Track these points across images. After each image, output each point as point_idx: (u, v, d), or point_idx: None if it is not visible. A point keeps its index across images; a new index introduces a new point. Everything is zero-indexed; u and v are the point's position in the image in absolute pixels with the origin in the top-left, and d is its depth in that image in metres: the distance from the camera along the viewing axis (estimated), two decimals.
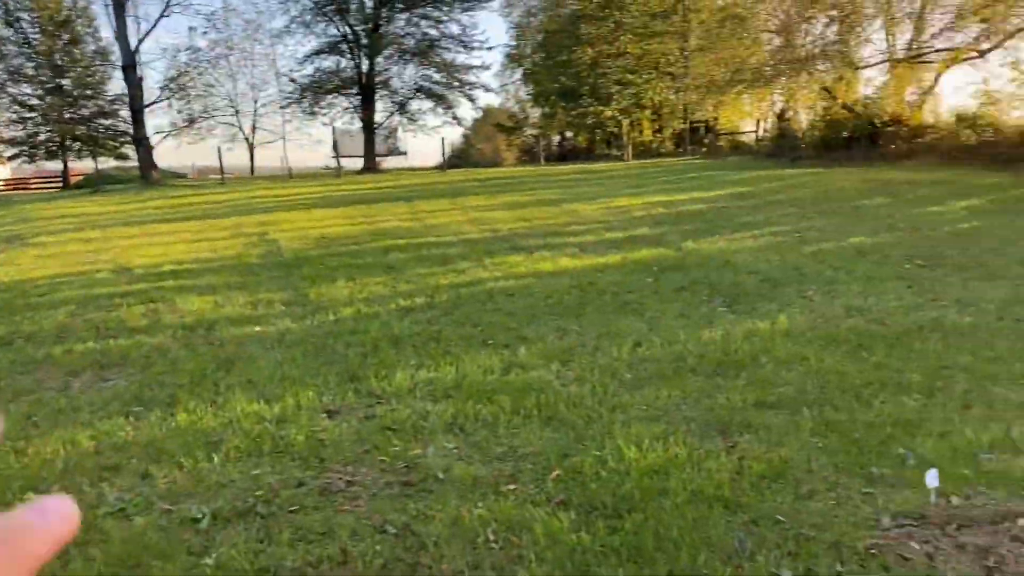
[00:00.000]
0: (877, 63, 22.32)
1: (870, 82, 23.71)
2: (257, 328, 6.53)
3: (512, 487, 3.39)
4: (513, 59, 43.02)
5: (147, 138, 29.52)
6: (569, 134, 44.37)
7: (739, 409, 4.15)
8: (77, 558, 2.97)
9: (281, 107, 35.59)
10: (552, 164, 31.41)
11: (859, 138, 21.14)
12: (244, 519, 3.20)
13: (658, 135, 35.39)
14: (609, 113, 32.18)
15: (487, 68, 35.51)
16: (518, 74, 44.18)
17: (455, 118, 34.02)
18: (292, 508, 3.27)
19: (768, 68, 24.07)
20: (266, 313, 7.05)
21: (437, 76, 32.19)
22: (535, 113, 44.42)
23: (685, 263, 8.33)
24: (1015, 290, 6.56)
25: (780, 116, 27.53)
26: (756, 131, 32.53)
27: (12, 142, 39.32)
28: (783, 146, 24.25)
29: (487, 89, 34.00)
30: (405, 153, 42.92)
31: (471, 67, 32.11)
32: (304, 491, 3.43)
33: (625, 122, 32.34)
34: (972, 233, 9.42)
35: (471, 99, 33.28)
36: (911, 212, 11.30)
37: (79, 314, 7.22)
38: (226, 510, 3.27)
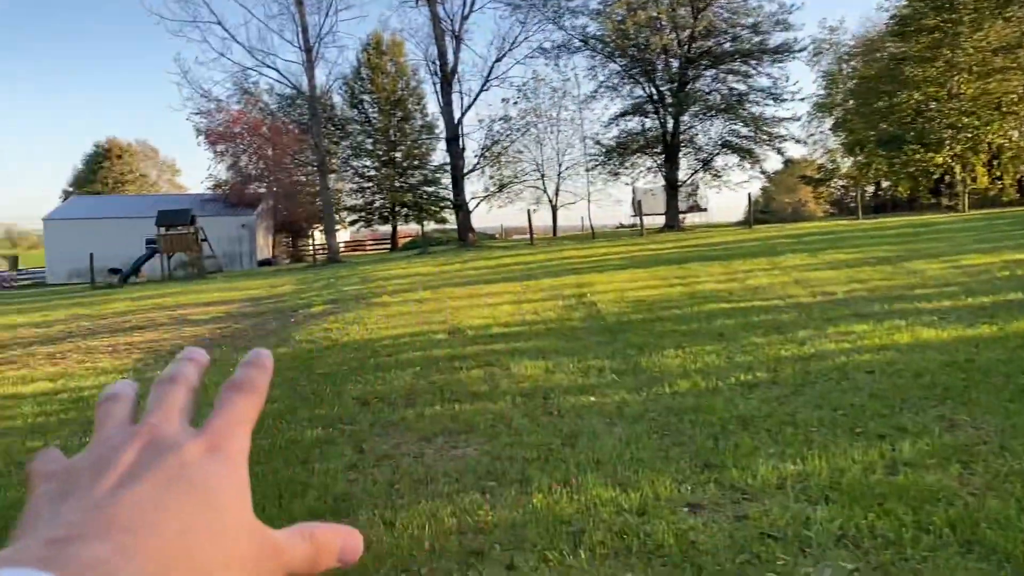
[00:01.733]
0: None
1: None
2: (592, 398, 6.34)
3: None
4: (823, 108, 40.88)
5: (466, 203, 31.75)
6: (886, 184, 41.02)
7: None
8: None
9: (586, 169, 36.63)
10: (871, 217, 28.99)
11: None
12: None
13: (997, 182, 31.45)
14: (940, 160, 29.13)
15: (797, 119, 33.67)
16: (827, 123, 41.90)
17: (763, 172, 32.72)
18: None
19: None
20: (598, 382, 6.85)
21: (744, 130, 31.26)
22: (846, 163, 41.68)
23: None
24: None
25: None
26: None
27: (353, 209, 44.50)
28: None
29: (796, 141, 32.27)
30: (706, 210, 42.28)
31: (781, 119, 30.74)
32: None
33: (958, 169, 29.10)
34: None
35: (780, 152, 31.84)
36: None
37: (423, 376, 7.54)
38: None
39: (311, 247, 40.38)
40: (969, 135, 29.34)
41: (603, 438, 5.27)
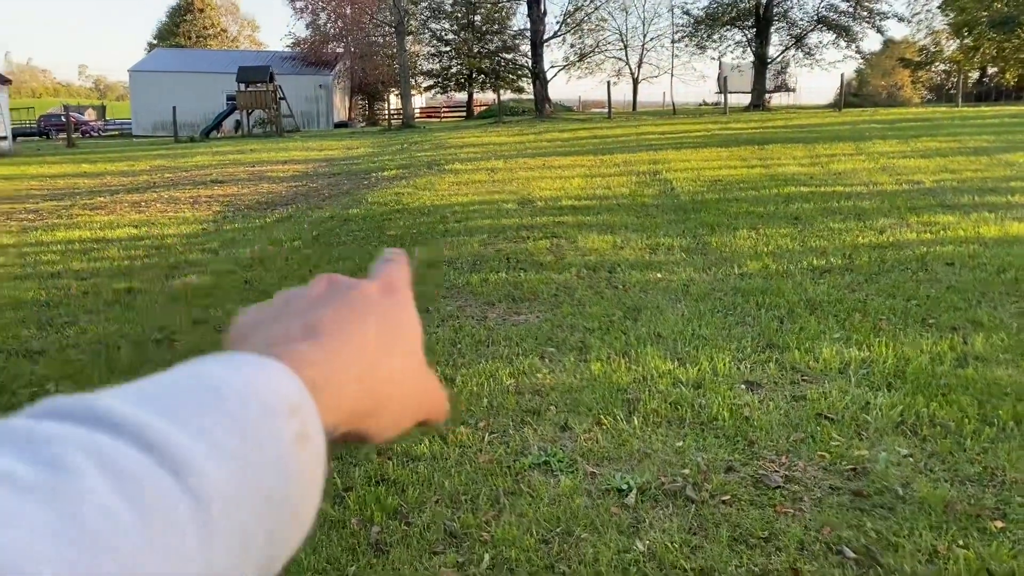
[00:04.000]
0: None
1: None
2: (659, 275, 6.30)
3: (1000, 524, 2.72)
4: None
5: (544, 72, 30.96)
6: (993, 70, 38.37)
7: None
8: (507, 509, 2.93)
9: (672, 41, 35.17)
10: (971, 105, 27.30)
11: None
12: (673, 501, 2.93)
13: None
14: None
15: None
16: (935, 1, 38.97)
17: (858, 52, 30.89)
18: (724, 498, 2.94)
19: None
20: (666, 260, 6.80)
21: (843, 5, 29.34)
22: (950, 46, 39.02)
23: None
24: None
25: None
26: None
27: (430, 74, 43.86)
28: None
29: (899, 19, 30.18)
30: (794, 90, 40.39)
31: None
32: (736, 479, 3.08)
33: None
34: None
35: (880, 31, 29.93)
36: None
37: (490, 243, 7.59)
38: (653, 487, 3.03)
39: (386, 111, 40.27)
40: None
41: (666, 313, 5.26)
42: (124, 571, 0.23)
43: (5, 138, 24.24)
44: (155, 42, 61.02)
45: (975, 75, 40.79)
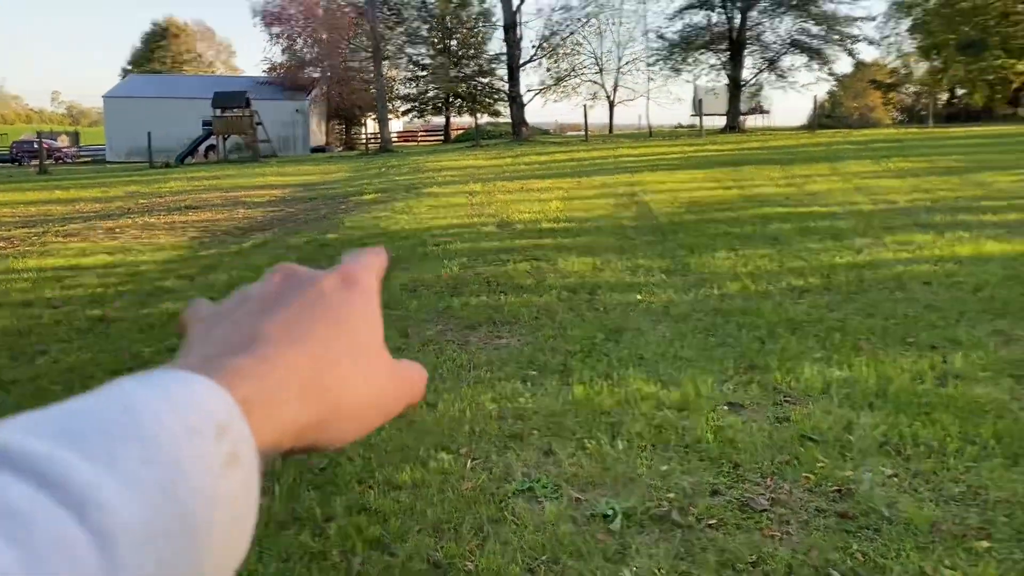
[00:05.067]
0: None
1: None
2: (639, 296, 6.30)
3: (986, 544, 2.71)
4: (901, 8, 38.67)
5: (520, 96, 31.14)
6: (961, 91, 39.08)
7: None
8: (491, 537, 2.88)
9: (648, 64, 35.50)
10: (941, 126, 27.77)
11: None
12: (659, 526, 2.90)
13: None
14: (1022, 67, 27.57)
15: (872, 19, 31.94)
16: (905, 24, 39.70)
17: (831, 74, 31.37)
18: (711, 522, 2.91)
19: None
20: (646, 281, 6.80)
21: (815, 29, 29.81)
22: (920, 68, 39.71)
23: None
24: None
25: None
26: None
27: (407, 98, 43.98)
28: None
29: (870, 42, 30.74)
30: (769, 112, 40.88)
31: (855, 18, 29.20)
32: (721, 502, 3.05)
33: None
34: None
35: (851, 53, 30.44)
36: None
37: (470, 267, 7.56)
38: (639, 512, 3.00)
39: (363, 136, 40.23)
40: None
41: (647, 335, 5.25)
42: None
43: None
44: (130, 68, 60.84)
45: (944, 96, 41.54)
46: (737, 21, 29.73)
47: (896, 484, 3.15)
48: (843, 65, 51.26)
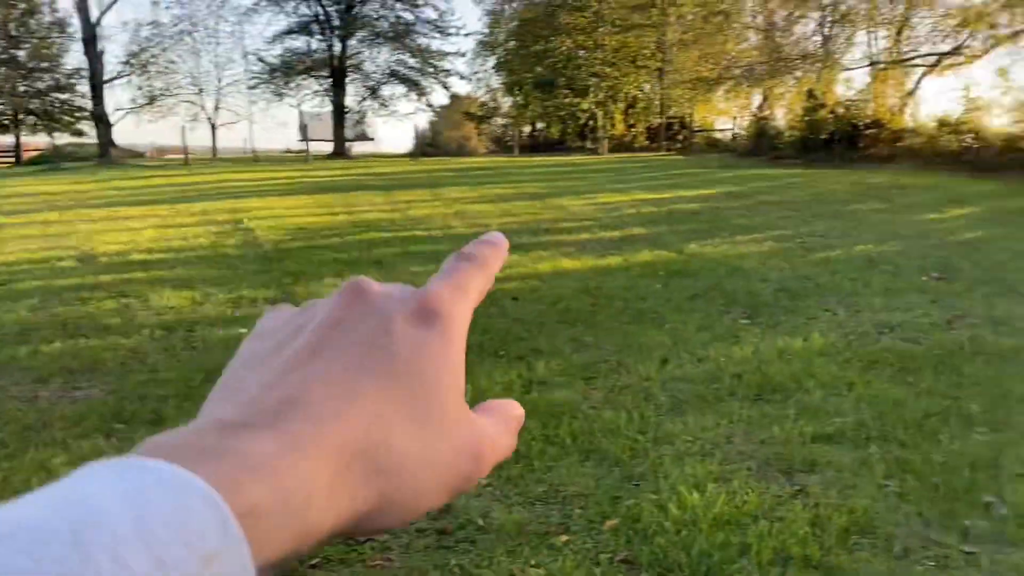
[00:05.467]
0: (862, 66, 22.27)
1: (850, 83, 23.67)
2: (243, 330, 6.00)
3: (564, 539, 2.97)
4: (486, 47, 42.43)
5: (106, 115, 28.40)
6: (540, 125, 43.99)
7: (797, 444, 3.77)
8: None
9: (248, 87, 34.53)
10: (526, 155, 30.98)
11: (839, 139, 21.02)
12: None
13: (632, 129, 35.18)
14: (585, 105, 31.81)
15: (463, 55, 34.65)
16: (490, 62, 43.64)
17: (429, 105, 33.37)
18: (313, 562, 2.81)
19: (762, 66, 23.93)
20: (251, 313, 6.52)
21: (411, 61, 31.51)
22: (506, 102, 43.92)
23: (692, 268, 7.96)
24: None
25: (758, 114, 27.38)
26: (732, 129, 32.39)
27: None
28: (761, 145, 24.09)
29: (461, 76, 33.31)
30: (373, 139, 42.22)
31: (447, 53, 31.43)
32: None
33: (600, 114, 32.02)
34: (978, 244, 9.20)
35: (445, 86, 32.68)
36: (911, 219, 11.10)
37: (43, 308, 6.63)
38: None
39: None
40: (610, 84, 32.34)
41: None
42: None
43: None
44: None
45: (527, 129, 46.44)
46: (338, 49, 30.31)
47: (490, 493, 3.34)
48: (440, 97, 54.84)
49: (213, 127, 40.10)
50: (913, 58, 21.28)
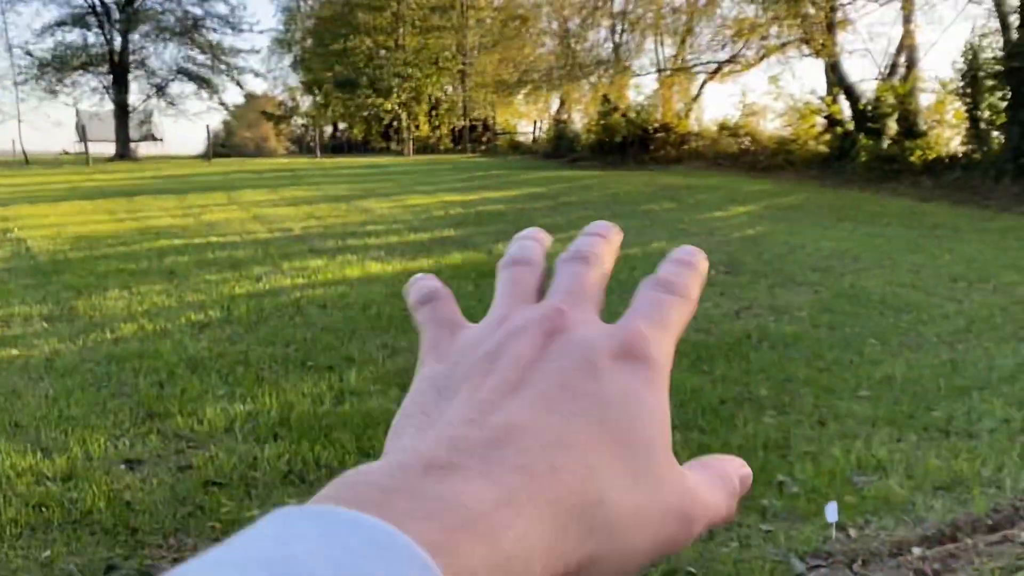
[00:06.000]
0: (650, 72, 23.62)
1: (640, 89, 25.05)
2: (14, 352, 5.40)
3: None
4: (282, 44, 41.00)
5: None
6: (343, 125, 43.13)
7: None
8: None
9: (15, 83, 31.29)
10: (329, 156, 30.26)
11: (632, 142, 22.18)
12: None
13: (436, 131, 35.30)
14: (389, 106, 31.57)
15: (257, 52, 33.30)
16: (287, 60, 42.20)
17: (222, 104, 31.79)
18: None
19: (560, 71, 24.74)
20: (24, 332, 5.88)
21: (201, 58, 29.88)
22: (306, 102, 42.69)
23: None
24: (816, 296, 6.93)
25: (557, 118, 28.34)
26: (533, 131, 33.31)
27: None
28: (561, 147, 24.97)
29: (256, 74, 32.03)
30: (161, 140, 39.63)
31: (240, 50, 30.08)
32: None
33: (405, 116, 31.90)
34: (759, 239, 9.99)
35: (239, 84, 31.31)
36: (698, 217, 11.88)
37: None
38: None
39: None
40: (413, 85, 32.28)
41: (24, 397, 4.50)
42: None
43: None
44: None
45: (329, 129, 45.38)
46: (118, 44, 28.17)
47: None
48: (234, 95, 52.44)
49: None
50: (695, 65, 22.89)
